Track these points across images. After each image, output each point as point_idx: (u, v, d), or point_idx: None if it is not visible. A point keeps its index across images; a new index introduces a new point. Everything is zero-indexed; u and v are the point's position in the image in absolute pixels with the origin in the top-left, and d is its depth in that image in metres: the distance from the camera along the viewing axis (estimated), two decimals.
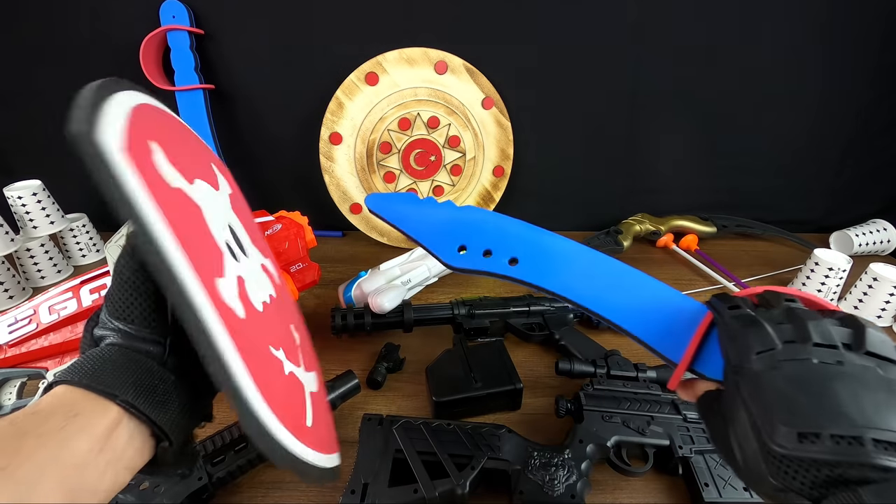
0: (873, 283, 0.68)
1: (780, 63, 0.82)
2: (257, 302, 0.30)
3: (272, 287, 0.36)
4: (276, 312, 0.34)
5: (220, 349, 0.23)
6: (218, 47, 0.79)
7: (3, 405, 0.47)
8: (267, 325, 0.31)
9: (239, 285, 0.28)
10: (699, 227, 0.90)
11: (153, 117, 0.28)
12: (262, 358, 0.27)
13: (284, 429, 0.25)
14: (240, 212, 0.37)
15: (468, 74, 0.79)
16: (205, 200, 0.29)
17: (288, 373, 0.30)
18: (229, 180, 0.39)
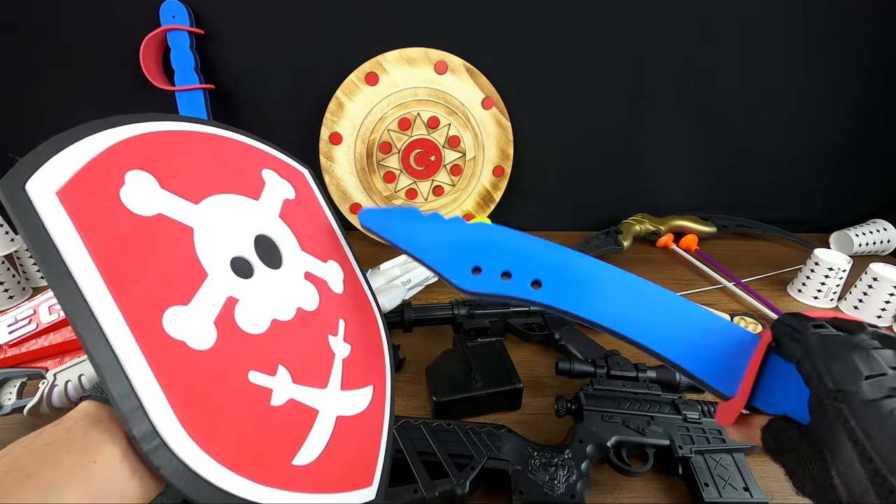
0: (873, 283, 0.68)
1: (780, 63, 0.82)
2: (257, 322, 0.29)
3: (313, 297, 0.35)
4: (300, 328, 0.32)
5: (124, 388, 0.22)
6: (218, 47, 0.79)
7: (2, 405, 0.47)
8: (262, 348, 0.29)
9: (224, 308, 0.28)
10: (699, 227, 0.90)
11: (153, 145, 0.29)
12: (218, 390, 0.25)
13: (222, 469, 0.23)
14: (296, 218, 0.38)
15: (468, 74, 0.79)
16: (209, 218, 0.30)
17: (285, 400, 0.28)
18: (298, 185, 0.41)
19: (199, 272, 0.28)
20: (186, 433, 0.23)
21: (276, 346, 0.30)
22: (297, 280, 0.35)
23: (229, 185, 0.33)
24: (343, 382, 0.33)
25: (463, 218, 0.40)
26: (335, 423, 0.31)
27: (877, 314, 0.68)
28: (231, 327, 0.28)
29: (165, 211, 0.28)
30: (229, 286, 0.29)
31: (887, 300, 0.67)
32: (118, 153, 0.27)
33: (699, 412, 0.46)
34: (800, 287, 0.74)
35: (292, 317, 0.32)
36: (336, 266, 0.40)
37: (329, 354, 0.34)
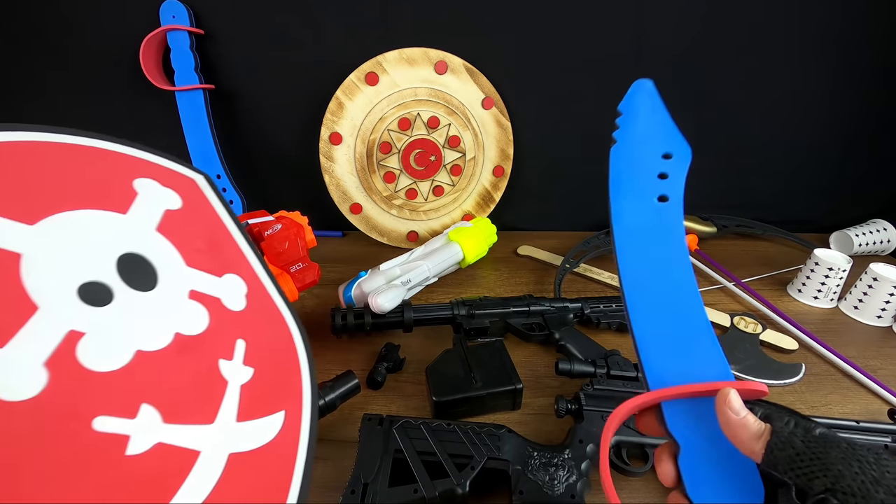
0: (873, 283, 0.68)
1: (780, 64, 0.82)
2: (110, 356, 0.25)
3: (199, 318, 0.30)
4: (177, 356, 0.28)
5: None
6: (218, 47, 0.79)
7: None
8: (117, 386, 0.25)
9: (62, 345, 0.23)
10: (699, 227, 0.90)
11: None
12: (43, 448, 0.21)
13: None
14: (181, 229, 0.32)
15: (468, 74, 0.79)
16: (47, 240, 0.25)
17: (149, 446, 0.24)
18: (185, 193, 0.35)
19: (24, 306, 0.23)
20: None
21: (140, 382, 0.26)
22: (176, 301, 0.30)
23: (83, 199, 0.28)
24: (240, 412, 0.29)
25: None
26: (226, 463, 0.27)
27: (877, 314, 0.68)
28: (70, 367, 0.23)
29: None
30: (71, 318, 0.24)
31: (887, 300, 0.67)
32: None
33: None
34: (800, 287, 0.74)
35: (166, 345, 0.28)
36: (236, 279, 0.35)
37: (219, 383, 0.29)
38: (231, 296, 0.34)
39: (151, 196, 0.32)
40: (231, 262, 0.36)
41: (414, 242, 0.88)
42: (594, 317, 0.64)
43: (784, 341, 0.63)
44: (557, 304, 0.64)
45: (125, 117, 0.84)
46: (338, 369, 0.50)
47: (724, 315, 0.67)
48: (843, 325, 0.69)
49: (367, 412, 0.46)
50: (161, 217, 0.32)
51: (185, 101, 0.78)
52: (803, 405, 0.54)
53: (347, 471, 0.41)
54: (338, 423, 0.50)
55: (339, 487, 0.40)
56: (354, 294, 0.65)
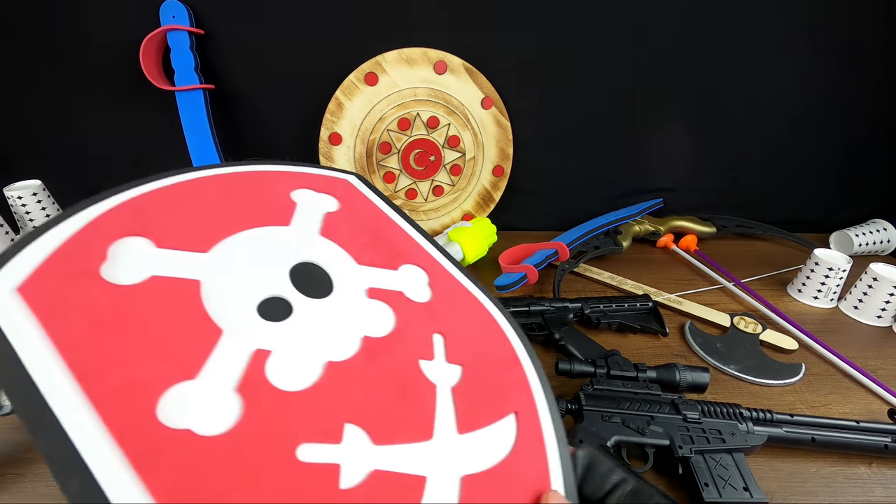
0: (873, 283, 0.68)
1: (781, 63, 0.82)
2: (301, 373, 0.23)
3: (384, 317, 0.28)
4: (369, 363, 0.25)
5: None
6: (218, 47, 0.79)
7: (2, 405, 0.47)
8: (315, 407, 0.22)
9: (250, 367, 0.22)
10: (699, 228, 0.90)
11: (148, 205, 0.26)
12: (249, 486, 0.19)
13: None
14: (344, 230, 0.32)
15: (467, 74, 0.79)
16: (222, 264, 0.25)
17: (365, 475, 0.21)
18: (341, 194, 0.34)
19: (209, 331, 0.23)
20: None
21: (337, 398, 0.23)
22: (356, 303, 0.28)
23: (248, 220, 0.28)
24: (460, 422, 0.25)
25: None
26: (460, 488, 0.22)
27: (877, 314, 0.68)
28: (262, 389, 0.22)
29: (160, 271, 0.24)
30: (255, 337, 0.23)
31: (887, 300, 0.67)
32: (101, 226, 0.24)
33: (699, 412, 0.46)
34: (800, 287, 0.74)
35: (356, 352, 0.25)
36: (414, 269, 0.32)
37: (426, 388, 0.26)
38: (413, 287, 0.31)
39: (309, 204, 0.32)
40: (404, 252, 0.33)
41: None
42: (594, 317, 0.64)
43: (784, 341, 0.63)
44: (557, 304, 0.64)
45: (125, 117, 0.84)
46: None
47: (724, 315, 0.67)
48: (843, 325, 0.69)
49: None
50: (322, 221, 0.31)
51: (185, 101, 0.77)
52: (803, 405, 0.54)
53: None
54: None
55: None
56: None
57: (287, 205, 0.31)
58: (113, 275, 0.22)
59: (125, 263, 0.23)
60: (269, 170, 0.33)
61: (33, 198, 0.73)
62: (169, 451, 0.19)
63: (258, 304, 0.25)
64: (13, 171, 0.79)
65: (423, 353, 0.27)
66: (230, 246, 0.27)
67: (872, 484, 0.45)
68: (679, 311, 0.70)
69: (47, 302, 0.20)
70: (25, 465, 0.46)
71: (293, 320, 0.25)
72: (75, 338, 0.20)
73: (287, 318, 0.25)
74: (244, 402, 0.21)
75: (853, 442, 0.46)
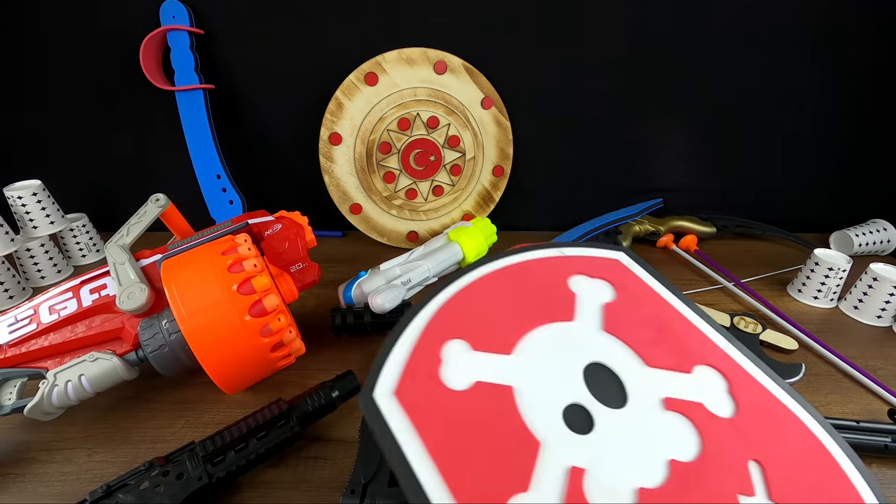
0: (873, 283, 0.68)
1: (780, 63, 0.82)
2: (617, 497, 0.22)
3: (688, 437, 0.25)
4: (683, 492, 0.22)
5: None
6: (218, 47, 0.79)
7: (3, 405, 0.47)
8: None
9: (570, 487, 0.21)
10: (699, 228, 0.90)
11: (458, 306, 0.28)
12: None
13: None
14: (626, 323, 0.29)
15: (467, 74, 0.79)
16: (526, 367, 0.25)
17: None
18: (615, 278, 0.32)
19: (530, 442, 0.22)
20: None
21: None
22: (654, 416, 0.25)
23: (538, 314, 0.27)
24: None
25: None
26: None
27: (877, 314, 0.68)
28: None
29: (481, 376, 0.24)
30: (568, 451, 0.22)
31: (887, 300, 0.67)
32: (431, 332, 0.26)
33: None
34: (800, 287, 0.74)
35: (665, 479, 0.22)
36: (711, 372, 0.28)
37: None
38: (713, 396, 0.27)
39: (588, 294, 0.30)
40: (696, 350, 0.29)
41: (414, 242, 0.88)
42: None
43: (784, 341, 0.63)
44: None
45: (125, 117, 0.84)
46: (338, 369, 0.50)
47: (725, 315, 0.67)
48: (843, 325, 0.69)
49: None
50: (602, 314, 0.29)
51: (185, 101, 0.78)
52: None
53: (347, 471, 0.41)
54: (338, 423, 0.50)
55: (339, 487, 0.40)
56: (354, 294, 0.65)
57: (568, 296, 0.30)
58: (448, 379, 0.24)
59: (454, 368, 0.25)
60: (545, 256, 0.32)
61: (33, 198, 0.73)
62: None
63: (563, 413, 0.24)
64: (13, 171, 0.79)
65: (741, 487, 0.23)
66: (528, 346, 0.26)
67: None
68: None
69: (415, 405, 0.22)
70: (25, 465, 0.46)
71: (597, 434, 0.24)
72: (439, 441, 0.21)
73: (591, 430, 0.24)
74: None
75: (853, 442, 0.46)
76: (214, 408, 0.52)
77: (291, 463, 0.46)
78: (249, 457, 0.42)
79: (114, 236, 0.54)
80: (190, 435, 0.47)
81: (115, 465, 0.45)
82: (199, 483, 0.39)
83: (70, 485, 0.44)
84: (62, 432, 0.49)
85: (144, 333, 0.47)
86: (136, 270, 0.51)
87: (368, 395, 0.24)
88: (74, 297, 0.51)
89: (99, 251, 0.84)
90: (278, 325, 0.46)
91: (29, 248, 0.74)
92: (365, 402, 0.24)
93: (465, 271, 0.29)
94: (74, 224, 0.81)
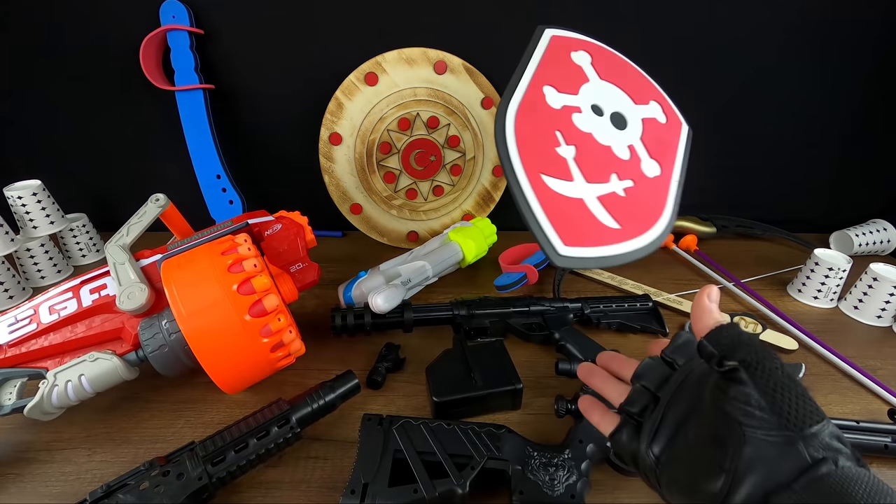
0: (873, 283, 0.68)
1: (780, 63, 0.82)
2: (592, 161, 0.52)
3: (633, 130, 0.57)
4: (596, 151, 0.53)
5: (534, 211, 0.46)
6: (218, 47, 0.79)
7: (3, 405, 0.47)
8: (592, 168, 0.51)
9: (576, 158, 0.51)
10: (698, 228, 0.90)
11: (553, 63, 0.57)
12: (564, 205, 0.48)
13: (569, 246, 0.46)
14: (612, 74, 0.60)
15: (467, 74, 0.79)
16: (579, 101, 0.55)
17: (606, 192, 0.50)
18: (594, 51, 0.62)
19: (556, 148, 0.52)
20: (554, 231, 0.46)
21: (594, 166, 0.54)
22: (634, 128, 0.58)
23: (579, 79, 0.59)
24: (653, 159, 0.55)
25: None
26: (618, 198, 0.50)
27: (877, 314, 0.68)
28: (578, 170, 0.51)
29: (567, 102, 0.54)
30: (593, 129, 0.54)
31: (887, 300, 0.67)
32: (535, 80, 0.55)
33: None
34: (800, 287, 0.74)
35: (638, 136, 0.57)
36: (654, 103, 0.61)
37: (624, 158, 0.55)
38: (656, 114, 0.61)
39: (591, 65, 0.61)
40: (645, 89, 0.63)
41: (414, 242, 0.88)
42: (594, 317, 0.64)
43: (784, 341, 0.63)
44: (557, 304, 0.64)
45: (125, 117, 0.84)
46: (338, 369, 0.50)
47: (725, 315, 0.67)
48: (843, 325, 0.69)
49: (367, 412, 0.46)
50: (596, 75, 0.60)
51: (185, 101, 0.78)
52: None
53: (347, 471, 0.41)
54: (338, 423, 0.50)
55: (339, 487, 0.40)
56: (354, 294, 0.65)
57: (582, 70, 0.59)
58: (549, 103, 0.53)
59: (551, 100, 0.53)
60: (547, 49, 0.61)
61: (33, 198, 0.73)
62: (544, 192, 0.48)
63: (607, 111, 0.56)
64: (13, 171, 0.79)
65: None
66: (581, 88, 0.57)
67: None
68: (679, 311, 0.70)
69: (522, 123, 0.49)
70: (25, 465, 0.46)
71: (611, 133, 0.56)
72: (527, 142, 0.49)
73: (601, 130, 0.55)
74: (580, 171, 0.51)
75: (853, 442, 0.46)
76: (214, 408, 0.52)
77: (291, 463, 0.46)
78: (249, 457, 0.42)
79: (114, 236, 0.54)
80: (190, 435, 0.47)
81: (115, 465, 0.46)
82: (199, 483, 0.39)
83: (70, 485, 0.44)
84: (62, 432, 0.49)
85: (144, 333, 0.47)
86: (136, 270, 0.51)
87: (559, 255, 0.45)
88: (74, 297, 0.51)
89: (99, 251, 0.84)
90: (278, 325, 0.46)
91: (29, 248, 0.74)
92: (562, 261, 0.45)
93: (506, 101, 0.53)
94: (74, 224, 0.81)
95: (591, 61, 0.61)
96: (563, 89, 0.55)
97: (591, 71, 0.60)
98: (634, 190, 0.52)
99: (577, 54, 0.61)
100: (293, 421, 0.44)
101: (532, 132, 0.50)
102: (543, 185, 0.47)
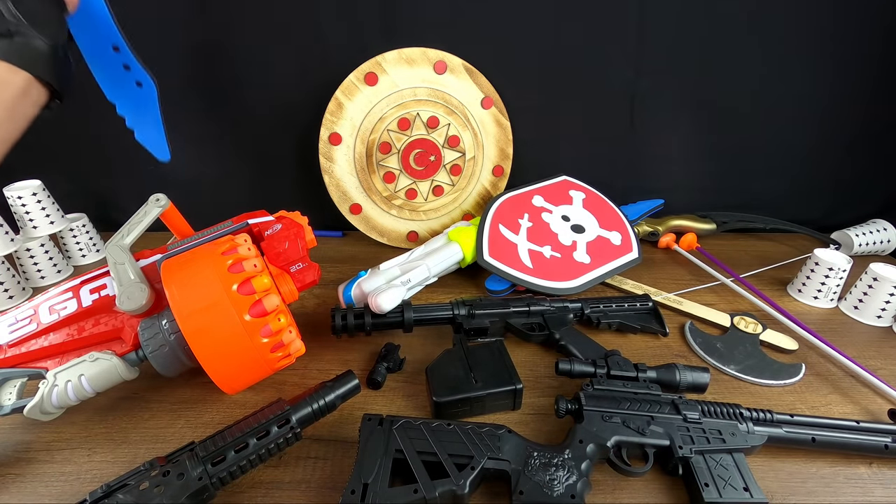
0: (873, 283, 0.68)
1: (781, 63, 0.82)
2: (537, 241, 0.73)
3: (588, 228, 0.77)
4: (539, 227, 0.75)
5: (483, 235, 0.73)
6: (219, 47, 0.79)
7: (3, 405, 0.47)
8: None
9: (529, 228, 0.74)
10: (697, 225, 0.90)
11: (552, 189, 0.82)
12: (503, 241, 0.71)
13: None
14: (594, 208, 0.79)
15: (467, 74, 0.79)
16: (555, 209, 0.78)
17: (536, 250, 0.71)
18: (586, 190, 0.83)
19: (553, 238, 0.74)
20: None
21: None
22: (590, 234, 0.76)
23: (561, 200, 0.78)
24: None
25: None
26: (544, 252, 0.71)
27: (877, 314, 0.68)
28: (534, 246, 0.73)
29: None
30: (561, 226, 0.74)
31: (887, 300, 0.67)
32: (493, 222, 0.75)
33: (699, 412, 0.46)
34: (800, 287, 0.74)
35: (573, 242, 0.75)
36: (614, 231, 0.77)
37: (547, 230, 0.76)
38: (611, 237, 0.77)
39: (577, 196, 0.81)
40: (613, 221, 0.79)
41: (414, 242, 0.88)
42: (594, 317, 0.64)
43: (784, 341, 0.63)
44: (557, 304, 0.64)
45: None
46: (338, 369, 0.50)
47: (725, 315, 0.67)
48: (843, 325, 0.69)
49: (367, 412, 0.46)
50: (582, 203, 0.79)
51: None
52: (803, 405, 0.54)
53: (347, 471, 0.41)
54: (338, 424, 0.50)
55: (339, 487, 0.40)
56: (354, 294, 0.65)
57: (569, 197, 0.80)
58: (536, 202, 0.80)
59: (539, 202, 0.79)
60: (555, 182, 0.84)
61: (33, 198, 0.73)
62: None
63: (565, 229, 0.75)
64: (13, 171, 0.79)
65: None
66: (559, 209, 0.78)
67: (872, 484, 0.45)
68: (679, 311, 0.70)
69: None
70: (25, 465, 0.46)
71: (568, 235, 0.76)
72: (503, 210, 0.77)
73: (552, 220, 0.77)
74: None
75: (853, 442, 0.46)
76: (214, 408, 0.52)
77: (291, 463, 0.46)
78: (249, 457, 0.42)
79: (114, 236, 0.54)
80: (190, 435, 0.47)
81: (114, 465, 0.46)
82: (199, 483, 0.39)
83: (70, 485, 0.44)
84: (62, 432, 0.49)
85: (144, 333, 0.47)
86: (136, 270, 0.51)
87: (482, 258, 0.70)
88: (74, 297, 0.51)
89: (99, 251, 0.84)
90: (278, 325, 0.46)
91: (29, 248, 0.74)
92: (482, 262, 0.70)
93: (504, 193, 0.79)
94: (74, 224, 0.81)
95: (583, 199, 0.81)
96: (548, 200, 0.79)
97: (578, 202, 0.80)
98: (559, 260, 0.71)
99: (574, 192, 0.81)
100: (293, 421, 0.44)
101: (510, 207, 0.77)
102: (497, 229, 0.74)
